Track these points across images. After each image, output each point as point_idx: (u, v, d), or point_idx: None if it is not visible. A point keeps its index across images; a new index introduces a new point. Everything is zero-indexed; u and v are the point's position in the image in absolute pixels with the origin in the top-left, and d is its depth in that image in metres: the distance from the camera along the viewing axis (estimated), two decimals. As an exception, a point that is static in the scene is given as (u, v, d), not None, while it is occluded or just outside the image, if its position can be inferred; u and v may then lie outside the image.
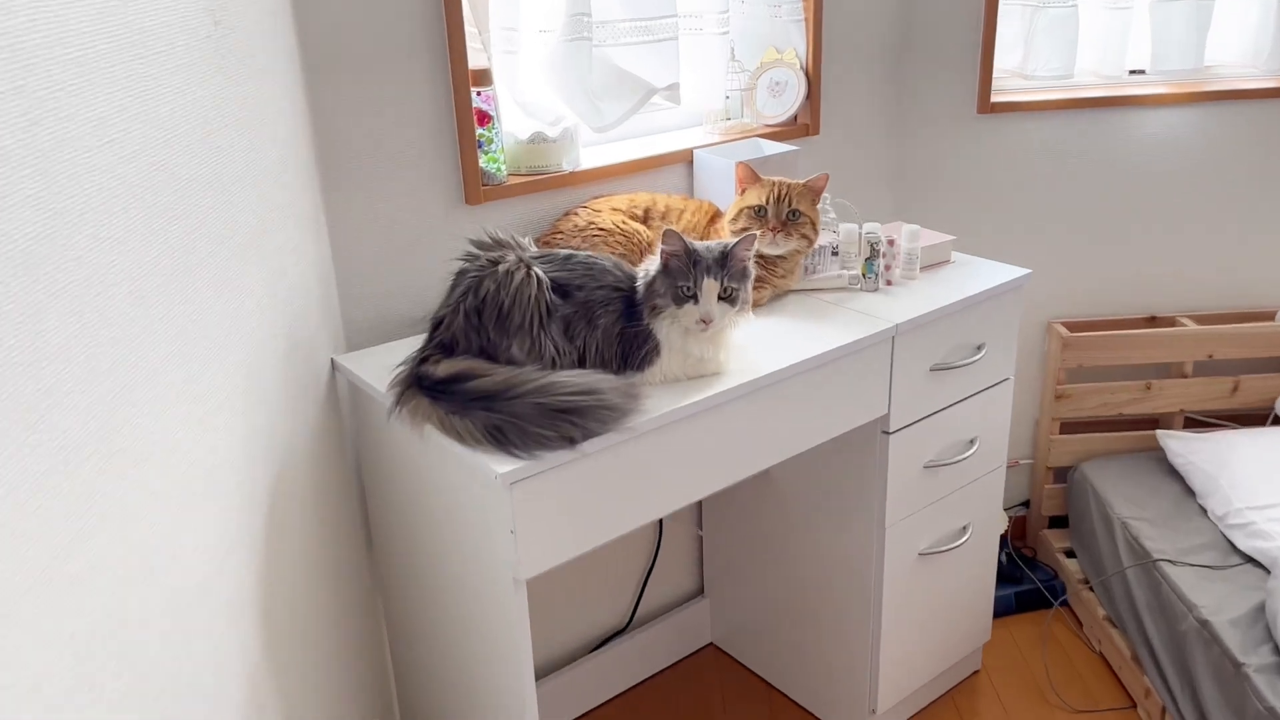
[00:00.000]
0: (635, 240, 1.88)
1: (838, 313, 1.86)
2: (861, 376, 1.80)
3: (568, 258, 1.59)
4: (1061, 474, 2.75)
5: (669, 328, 1.57)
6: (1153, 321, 2.68)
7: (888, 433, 1.91)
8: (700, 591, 2.55)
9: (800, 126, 2.31)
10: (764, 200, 1.84)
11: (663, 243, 1.55)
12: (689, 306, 1.55)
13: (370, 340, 1.84)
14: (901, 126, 2.47)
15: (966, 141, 2.46)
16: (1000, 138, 2.44)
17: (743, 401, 1.62)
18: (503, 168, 1.89)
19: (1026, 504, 2.81)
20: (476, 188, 1.85)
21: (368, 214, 1.77)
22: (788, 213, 1.84)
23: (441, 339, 1.53)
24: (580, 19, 1.81)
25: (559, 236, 1.89)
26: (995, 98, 2.42)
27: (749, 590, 2.38)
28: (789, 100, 2.28)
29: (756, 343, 1.71)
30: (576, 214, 1.92)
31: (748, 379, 1.61)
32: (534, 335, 1.50)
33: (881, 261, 1.95)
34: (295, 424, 1.42)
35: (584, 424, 1.42)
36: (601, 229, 1.88)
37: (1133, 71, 2.57)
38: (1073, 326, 2.63)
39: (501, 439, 1.40)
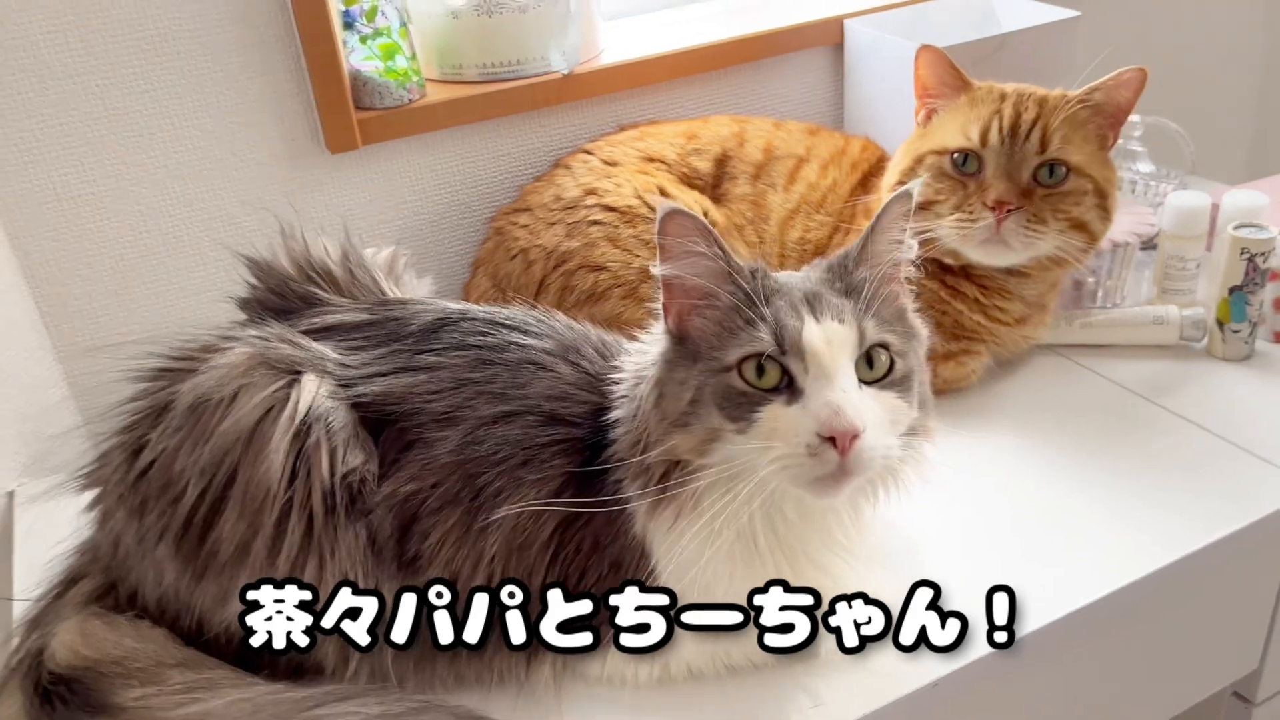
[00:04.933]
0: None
1: (1154, 427, 0.77)
2: (1210, 604, 0.73)
3: (439, 324, 0.61)
4: None
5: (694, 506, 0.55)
6: None
7: (1250, 702, 0.82)
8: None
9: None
10: (978, 135, 0.75)
11: (662, 236, 0.52)
12: (773, 412, 0.52)
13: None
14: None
15: None
16: None
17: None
18: (411, 69, 0.89)
19: None
20: (344, 116, 0.87)
21: (71, 198, 0.83)
22: (1037, 167, 0.75)
23: (91, 557, 0.62)
24: None
25: (518, 229, 0.88)
26: None
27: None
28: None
29: (931, 527, 0.66)
30: (568, 168, 0.90)
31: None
32: (291, 566, 0.55)
33: (1268, 294, 0.82)
34: None
35: None
36: (610, 208, 0.85)
37: None
38: None
39: None
